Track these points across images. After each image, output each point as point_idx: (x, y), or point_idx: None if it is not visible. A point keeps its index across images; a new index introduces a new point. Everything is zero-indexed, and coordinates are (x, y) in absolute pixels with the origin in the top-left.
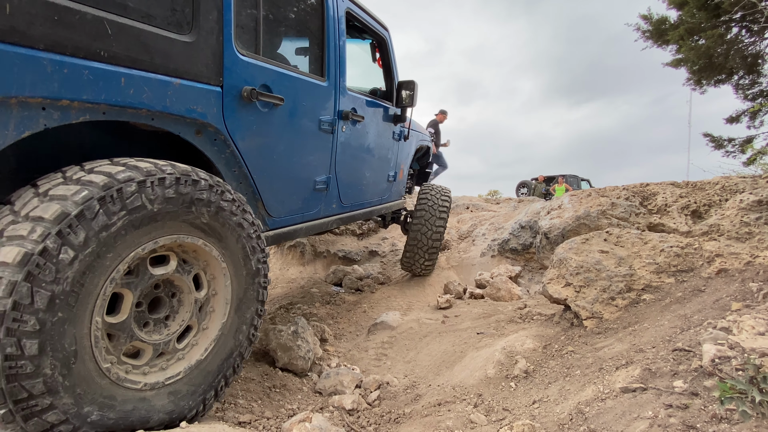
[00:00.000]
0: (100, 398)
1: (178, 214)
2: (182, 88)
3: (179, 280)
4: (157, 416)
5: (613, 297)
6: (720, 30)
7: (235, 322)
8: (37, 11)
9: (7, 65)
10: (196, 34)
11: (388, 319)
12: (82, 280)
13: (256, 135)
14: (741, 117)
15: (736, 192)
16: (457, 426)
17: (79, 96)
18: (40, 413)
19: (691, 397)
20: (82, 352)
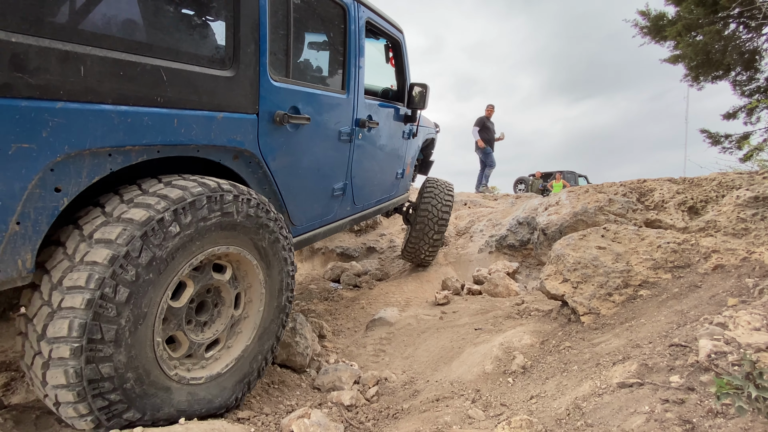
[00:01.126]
0: (142, 369)
1: (249, 230)
2: (224, 121)
3: (226, 292)
4: (168, 409)
5: (610, 293)
6: (718, 26)
7: (254, 350)
8: (105, 69)
9: (82, 122)
10: (236, 68)
11: (386, 315)
12: (162, 266)
13: (284, 154)
14: (738, 113)
15: (733, 188)
16: (455, 421)
17: (139, 141)
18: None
19: (688, 392)
20: (147, 331)
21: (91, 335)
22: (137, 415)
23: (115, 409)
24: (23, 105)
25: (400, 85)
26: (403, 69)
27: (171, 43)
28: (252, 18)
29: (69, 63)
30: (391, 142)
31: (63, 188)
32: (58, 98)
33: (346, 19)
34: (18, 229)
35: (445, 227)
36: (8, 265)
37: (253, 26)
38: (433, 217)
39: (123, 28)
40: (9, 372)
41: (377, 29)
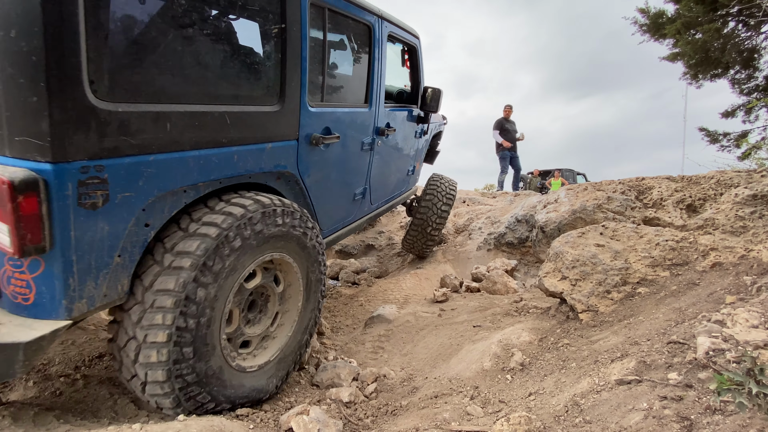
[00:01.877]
0: (212, 358)
1: (293, 239)
2: (272, 150)
3: (271, 291)
4: (229, 392)
5: (608, 290)
6: (717, 24)
7: (293, 342)
8: (185, 122)
9: (168, 169)
10: (282, 102)
11: (385, 312)
12: (235, 268)
13: (317, 170)
14: (736, 112)
15: (731, 186)
16: (453, 418)
17: (208, 177)
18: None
19: (686, 389)
20: (216, 324)
21: (179, 324)
22: (207, 398)
23: (191, 390)
24: (126, 162)
25: (414, 86)
26: (417, 72)
27: (232, 89)
28: (296, 56)
29: (159, 121)
30: (405, 143)
31: (151, 224)
32: (151, 152)
33: (371, 36)
34: (119, 261)
35: (443, 223)
36: (112, 290)
37: (296, 63)
38: (432, 213)
39: (198, 83)
40: None
41: (397, 39)
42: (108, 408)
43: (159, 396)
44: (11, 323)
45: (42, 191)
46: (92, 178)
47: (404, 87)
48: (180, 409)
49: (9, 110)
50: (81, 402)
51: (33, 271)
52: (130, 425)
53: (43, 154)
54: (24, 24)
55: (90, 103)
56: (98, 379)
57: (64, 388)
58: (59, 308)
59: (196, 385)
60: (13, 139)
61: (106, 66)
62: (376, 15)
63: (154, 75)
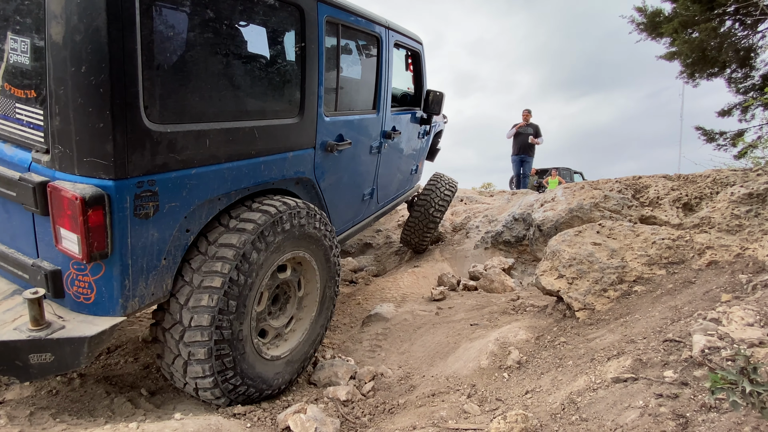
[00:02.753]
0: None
1: (313, 238)
2: (293, 158)
3: (292, 287)
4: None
5: (605, 288)
6: (714, 23)
7: (311, 334)
8: (221, 137)
9: (207, 180)
10: (302, 114)
11: (383, 311)
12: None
13: (331, 174)
14: (733, 110)
15: (727, 185)
16: (450, 416)
17: (239, 186)
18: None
19: (681, 386)
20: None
21: (222, 306)
22: (232, 373)
23: (227, 357)
24: (173, 176)
25: (417, 89)
26: (420, 76)
27: (260, 106)
28: (313, 71)
29: (200, 139)
30: (409, 144)
31: (191, 229)
32: (193, 166)
33: (379, 46)
34: (165, 263)
35: (437, 221)
36: (158, 289)
37: (314, 77)
38: (427, 211)
39: (232, 102)
40: None
41: (402, 46)
42: (104, 407)
43: (202, 361)
44: (74, 320)
45: (106, 205)
46: (146, 192)
47: (407, 90)
48: (214, 385)
49: (78, 135)
50: (77, 401)
51: (95, 273)
52: (127, 424)
53: (107, 172)
54: (93, 60)
55: (145, 126)
56: (95, 378)
57: (61, 387)
58: (116, 306)
59: (228, 358)
60: (81, 159)
61: (157, 92)
62: (384, 26)
63: (196, 98)
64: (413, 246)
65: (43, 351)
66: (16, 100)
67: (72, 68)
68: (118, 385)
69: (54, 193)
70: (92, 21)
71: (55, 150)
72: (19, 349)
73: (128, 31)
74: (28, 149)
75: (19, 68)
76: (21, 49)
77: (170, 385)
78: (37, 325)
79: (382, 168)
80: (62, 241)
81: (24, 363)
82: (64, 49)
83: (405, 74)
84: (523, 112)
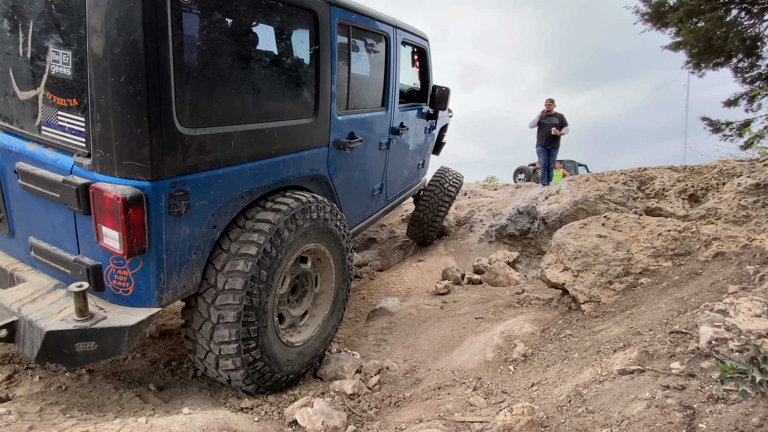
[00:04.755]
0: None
1: (327, 231)
2: (309, 156)
3: (309, 278)
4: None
5: (610, 281)
6: (719, 12)
7: (326, 324)
8: (244, 139)
9: (231, 179)
10: (316, 114)
11: (387, 305)
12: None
13: (343, 171)
14: (739, 100)
15: (734, 176)
16: (456, 408)
17: (260, 184)
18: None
19: (688, 378)
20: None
21: (254, 273)
22: (260, 342)
23: (252, 326)
24: (203, 176)
25: (423, 85)
26: (427, 72)
27: (279, 107)
28: (327, 72)
29: (225, 141)
30: (416, 139)
31: (218, 225)
32: (220, 166)
33: (387, 45)
34: (195, 258)
35: (441, 214)
36: (189, 282)
37: (327, 78)
38: (432, 205)
39: (253, 105)
40: (12, 364)
41: (409, 43)
42: (113, 402)
43: (226, 343)
44: (114, 311)
45: (144, 204)
46: (179, 191)
47: (414, 85)
48: (237, 352)
49: (118, 140)
50: (86, 396)
51: (133, 268)
52: (136, 419)
53: (144, 174)
54: (131, 71)
55: (177, 131)
56: (103, 374)
57: (70, 383)
58: (153, 298)
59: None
60: (121, 163)
61: (187, 98)
62: (392, 25)
63: (221, 102)
64: (419, 239)
65: (87, 340)
66: (58, 108)
67: (112, 78)
68: (127, 381)
69: (96, 194)
70: (130, 34)
71: (96, 154)
72: (66, 338)
73: (162, 43)
74: (69, 153)
75: (61, 78)
76: (63, 60)
77: (178, 381)
78: (82, 316)
79: (390, 163)
80: (104, 239)
81: (70, 351)
82: (104, 61)
83: (411, 70)
84: (545, 101)
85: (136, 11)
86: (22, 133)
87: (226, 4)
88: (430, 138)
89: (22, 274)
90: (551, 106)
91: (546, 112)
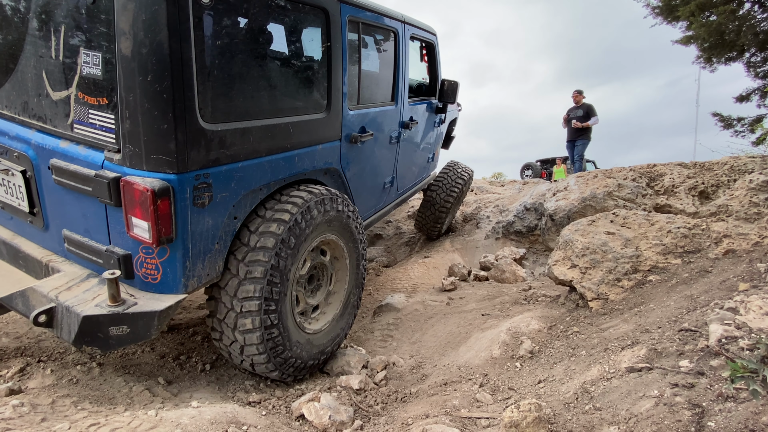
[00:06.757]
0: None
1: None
2: (322, 150)
3: (325, 268)
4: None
5: (619, 278)
6: (732, 5)
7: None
8: (261, 134)
9: (251, 172)
10: (329, 110)
11: (394, 301)
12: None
13: (355, 164)
14: (751, 96)
15: (745, 172)
16: (463, 405)
17: (277, 177)
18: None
19: (697, 376)
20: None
21: (285, 237)
22: (279, 309)
23: (276, 288)
24: (224, 169)
25: (432, 79)
26: (435, 66)
27: (293, 103)
28: (338, 68)
29: (244, 135)
30: (425, 133)
31: (238, 217)
32: (239, 160)
33: (396, 40)
34: (217, 247)
35: (448, 207)
36: (212, 270)
37: (339, 74)
38: (438, 197)
39: (270, 101)
40: (24, 357)
41: (417, 38)
42: (123, 395)
43: (248, 298)
44: (144, 297)
45: (171, 195)
46: (202, 184)
47: (422, 80)
48: (258, 308)
49: (146, 135)
50: (97, 389)
51: (161, 256)
52: (146, 412)
53: (171, 167)
54: (157, 70)
55: (200, 126)
56: (113, 368)
57: (81, 376)
58: (179, 285)
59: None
60: (149, 157)
61: (209, 95)
62: (400, 20)
63: (240, 99)
64: (426, 231)
65: (120, 324)
66: (89, 106)
67: (139, 77)
68: (136, 375)
69: (127, 186)
70: (155, 36)
71: (125, 149)
72: (101, 322)
73: (185, 44)
74: (100, 149)
75: (92, 79)
76: (93, 62)
77: (187, 374)
78: (115, 302)
79: (401, 157)
80: (134, 229)
81: (105, 335)
82: (132, 61)
83: (420, 65)
84: (573, 93)
85: (161, 14)
86: (55, 131)
87: (242, 4)
88: (440, 132)
89: (56, 264)
90: (578, 98)
91: (574, 105)
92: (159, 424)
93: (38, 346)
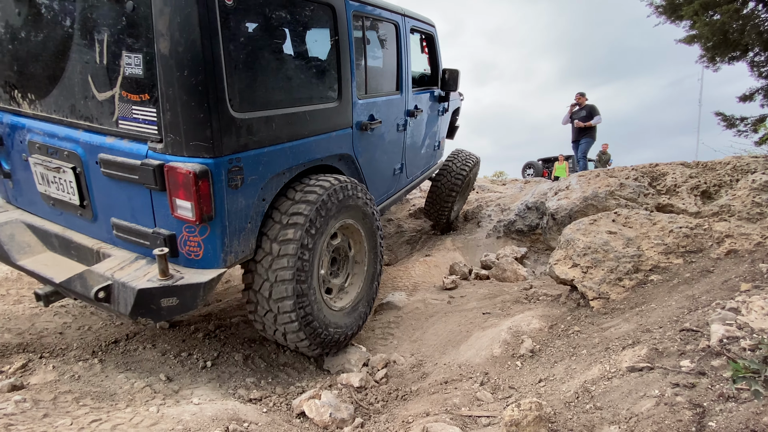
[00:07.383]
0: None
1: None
2: (335, 137)
3: (346, 251)
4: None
5: (620, 278)
6: (736, 4)
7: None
8: (283, 121)
9: (276, 157)
10: (340, 99)
11: (394, 299)
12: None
13: (366, 151)
14: (755, 95)
15: (748, 172)
16: (463, 403)
17: (298, 162)
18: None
19: (699, 376)
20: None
21: (319, 206)
22: (307, 278)
23: (306, 261)
24: (253, 154)
25: (433, 69)
26: (435, 57)
27: (309, 93)
28: (346, 60)
29: (268, 123)
30: (430, 122)
31: (266, 198)
32: (265, 146)
33: (398, 32)
34: (250, 226)
35: (455, 193)
36: (245, 247)
37: (347, 65)
38: (444, 183)
39: (289, 91)
40: (26, 353)
41: (417, 30)
42: (125, 392)
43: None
44: (189, 272)
45: (210, 177)
46: (235, 167)
47: (425, 71)
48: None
49: (185, 124)
50: (99, 385)
51: (202, 234)
52: (147, 408)
53: (208, 152)
54: (192, 66)
55: (231, 115)
56: (115, 364)
57: (83, 372)
58: (219, 260)
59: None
60: (188, 143)
61: (237, 87)
62: (400, 14)
63: (264, 89)
64: (434, 218)
65: (171, 296)
66: (132, 103)
67: (177, 73)
68: (138, 371)
69: (170, 171)
70: (189, 35)
71: (167, 138)
72: (154, 294)
73: (215, 41)
74: (143, 141)
75: (134, 78)
76: (134, 63)
77: (188, 371)
78: (165, 276)
79: (408, 144)
80: (177, 209)
81: (157, 306)
82: (170, 59)
83: (422, 57)
84: (575, 95)
85: (193, 15)
86: (101, 129)
87: (260, 5)
88: (444, 120)
89: (107, 250)
90: (581, 100)
91: (576, 105)
92: (160, 421)
93: (40, 342)
